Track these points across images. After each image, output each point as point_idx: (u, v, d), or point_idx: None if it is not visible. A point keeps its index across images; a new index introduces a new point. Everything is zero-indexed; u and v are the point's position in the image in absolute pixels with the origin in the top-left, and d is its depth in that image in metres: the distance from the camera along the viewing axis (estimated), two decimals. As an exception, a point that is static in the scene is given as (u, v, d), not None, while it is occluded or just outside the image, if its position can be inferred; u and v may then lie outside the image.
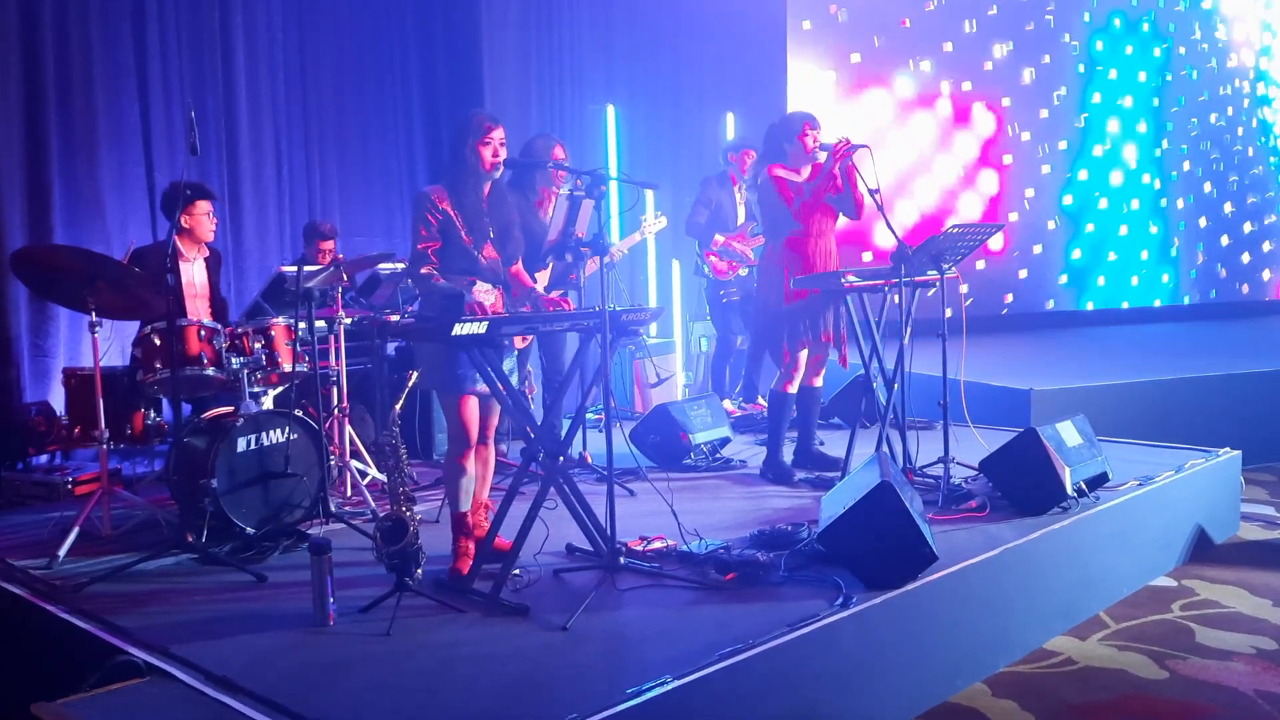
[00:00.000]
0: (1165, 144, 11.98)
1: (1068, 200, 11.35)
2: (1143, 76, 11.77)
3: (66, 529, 4.18)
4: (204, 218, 4.93)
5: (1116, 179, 11.68)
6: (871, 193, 4.67)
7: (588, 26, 8.46)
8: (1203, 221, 12.37)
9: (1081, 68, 11.34)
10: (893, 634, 3.36)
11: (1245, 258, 12.72)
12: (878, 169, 4.66)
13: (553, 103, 8.19)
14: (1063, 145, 11.27)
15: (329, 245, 5.99)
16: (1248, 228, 12.71)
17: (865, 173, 4.76)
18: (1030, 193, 11.13)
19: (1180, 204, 12.14)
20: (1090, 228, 11.50)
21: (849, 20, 10.03)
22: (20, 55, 5.81)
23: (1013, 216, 10.90)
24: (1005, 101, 10.88)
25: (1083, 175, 11.42)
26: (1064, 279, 11.39)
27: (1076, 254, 11.44)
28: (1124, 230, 11.74)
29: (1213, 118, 12.28)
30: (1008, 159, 10.97)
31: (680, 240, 7.99)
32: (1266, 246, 12.93)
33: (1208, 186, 12.37)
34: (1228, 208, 12.51)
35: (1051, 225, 11.26)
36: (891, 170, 9.87)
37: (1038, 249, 11.18)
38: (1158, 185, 11.97)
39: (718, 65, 9.32)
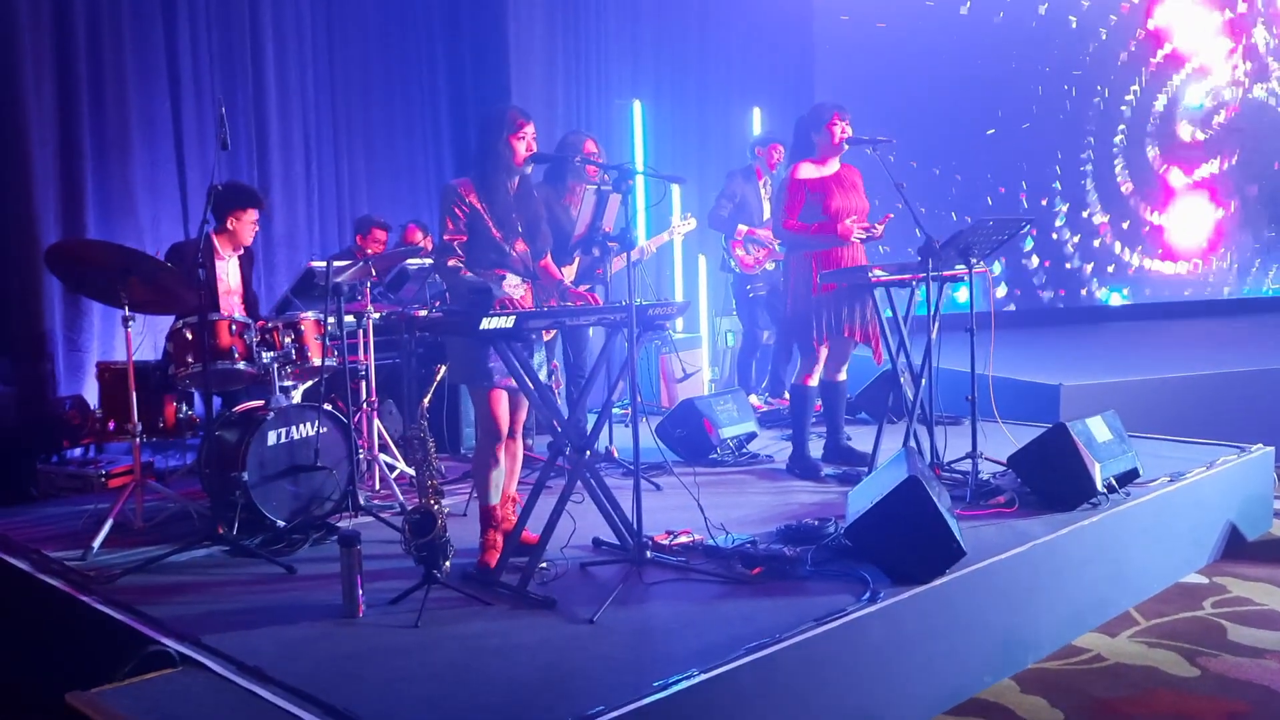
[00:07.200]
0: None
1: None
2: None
3: (100, 521, 4.23)
4: (251, 225, 5.06)
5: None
6: (897, 186, 4.64)
7: (614, 21, 8.45)
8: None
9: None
10: (920, 629, 3.35)
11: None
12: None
13: (579, 98, 8.19)
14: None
15: (384, 235, 6.32)
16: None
17: (888, 167, 4.73)
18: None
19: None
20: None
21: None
22: (54, 54, 5.88)
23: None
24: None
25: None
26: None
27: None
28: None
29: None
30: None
31: (706, 235, 7.97)
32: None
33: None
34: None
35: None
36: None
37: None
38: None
39: (744, 59, 9.30)
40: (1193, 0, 11.80)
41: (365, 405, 5.11)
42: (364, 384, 5.14)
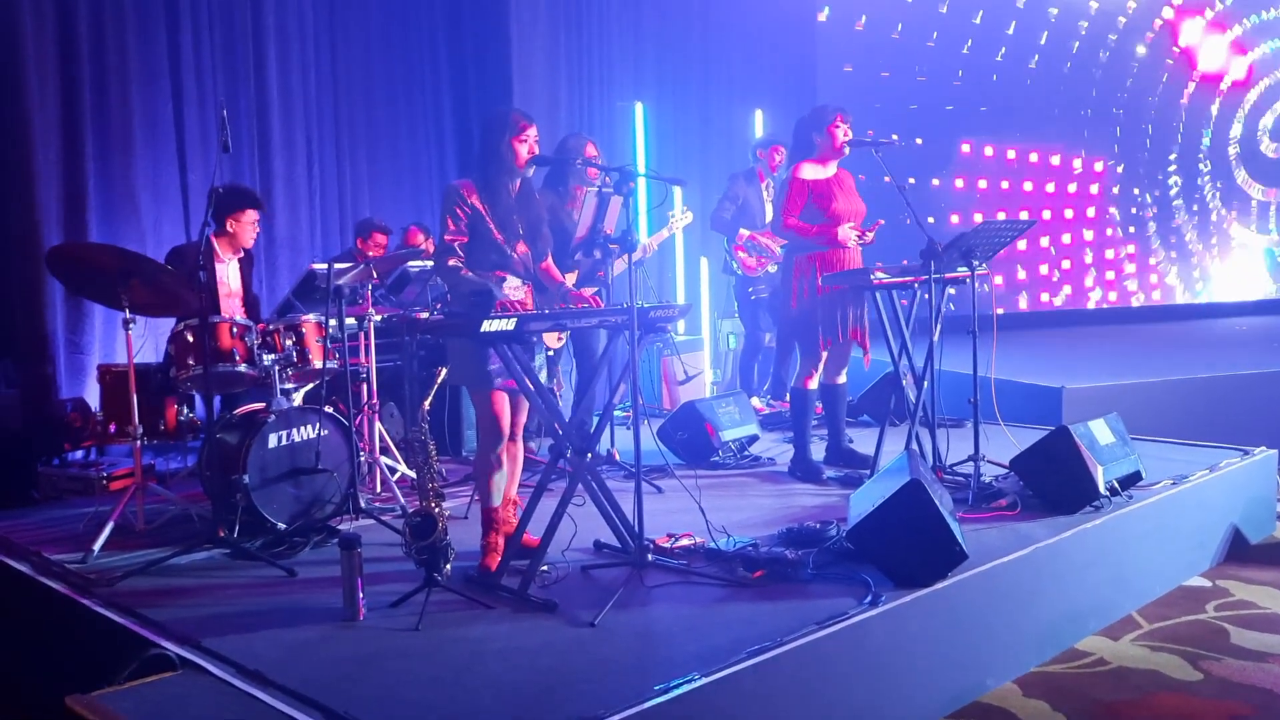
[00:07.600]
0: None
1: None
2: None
3: (101, 523, 4.23)
4: (250, 226, 5.04)
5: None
6: (900, 189, 4.64)
7: (616, 24, 8.47)
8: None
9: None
10: (922, 633, 3.34)
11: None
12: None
13: (581, 100, 8.20)
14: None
15: (384, 240, 6.37)
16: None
17: (892, 168, 4.73)
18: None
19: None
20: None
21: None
22: (57, 56, 5.90)
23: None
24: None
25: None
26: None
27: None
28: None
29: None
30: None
31: (708, 237, 7.97)
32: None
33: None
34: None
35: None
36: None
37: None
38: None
39: (746, 61, 9.30)
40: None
41: (366, 408, 5.11)
42: (365, 386, 5.14)
